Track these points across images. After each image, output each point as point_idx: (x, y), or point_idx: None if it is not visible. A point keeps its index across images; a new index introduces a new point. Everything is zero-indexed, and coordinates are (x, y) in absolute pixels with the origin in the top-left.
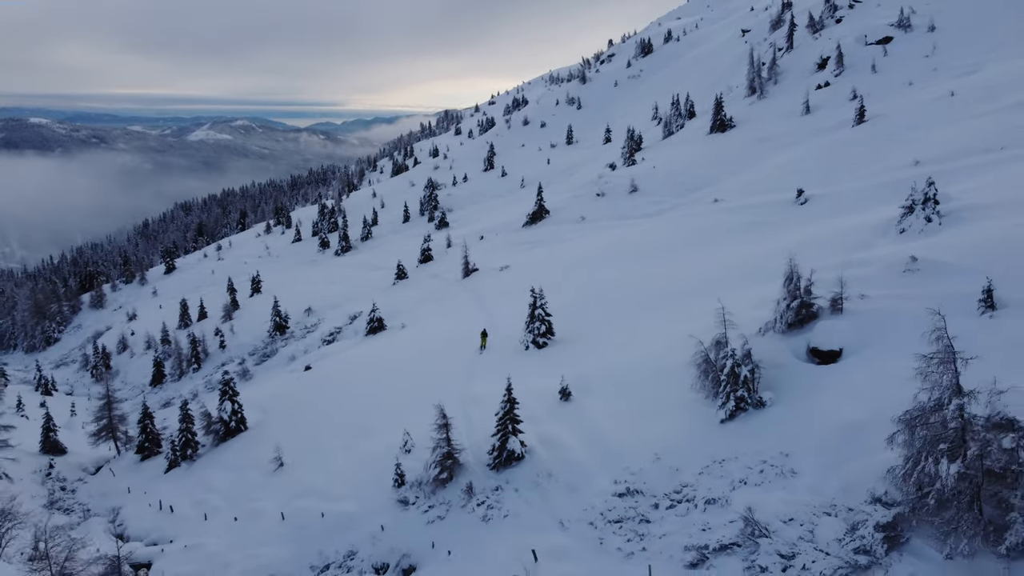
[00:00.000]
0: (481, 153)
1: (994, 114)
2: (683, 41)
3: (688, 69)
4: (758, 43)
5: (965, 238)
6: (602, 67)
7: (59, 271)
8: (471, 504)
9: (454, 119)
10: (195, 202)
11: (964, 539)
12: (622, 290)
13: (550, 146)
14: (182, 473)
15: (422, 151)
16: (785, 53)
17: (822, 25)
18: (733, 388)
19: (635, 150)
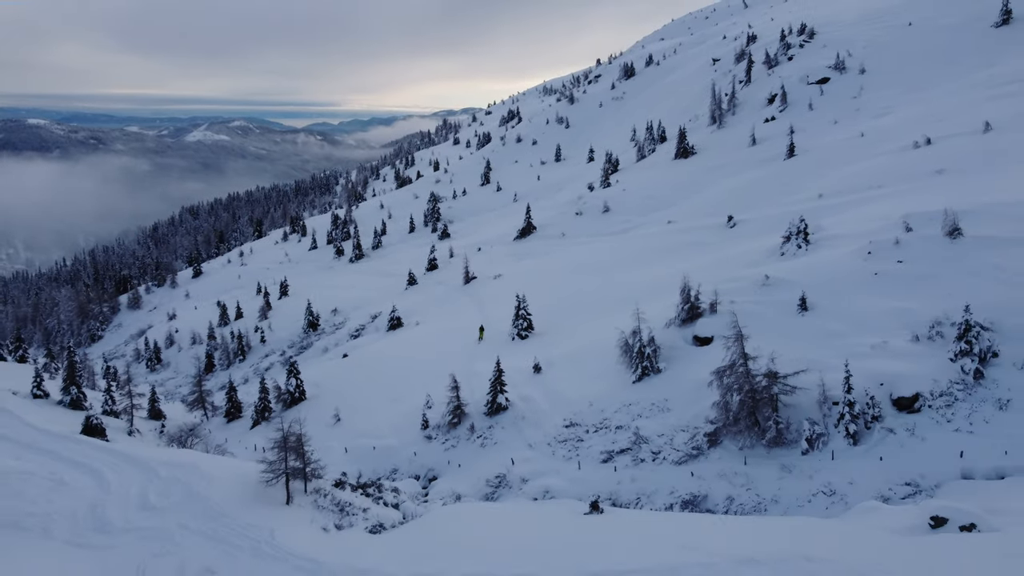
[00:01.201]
0: (478, 168)
1: (885, 156)
2: (662, 65)
3: (665, 93)
4: (724, 73)
5: (809, 261)
6: (589, 87)
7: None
8: (473, 437)
9: (452, 128)
10: (202, 206)
11: (746, 438)
12: (587, 296)
13: (540, 163)
14: (263, 428)
15: (422, 160)
16: (744, 86)
17: (776, 62)
18: (640, 361)
19: (612, 171)
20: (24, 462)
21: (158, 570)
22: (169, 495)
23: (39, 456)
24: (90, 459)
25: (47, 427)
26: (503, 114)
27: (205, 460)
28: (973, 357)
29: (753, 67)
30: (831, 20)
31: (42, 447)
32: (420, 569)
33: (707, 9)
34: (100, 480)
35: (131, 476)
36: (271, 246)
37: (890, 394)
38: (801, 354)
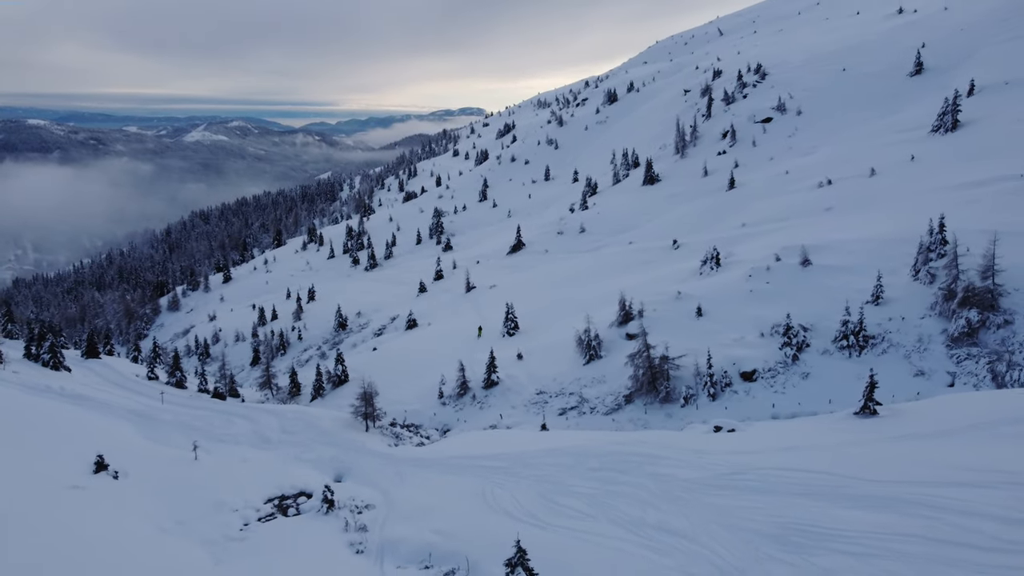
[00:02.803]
0: (476, 185)
1: (797, 193)
2: (642, 92)
3: (642, 119)
4: (691, 105)
5: (714, 281)
6: (577, 110)
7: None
8: (474, 403)
9: (452, 139)
10: (211, 211)
11: (648, 398)
12: (561, 303)
13: (532, 181)
14: (320, 401)
15: (424, 171)
16: (705, 120)
17: (733, 99)
18: (588, 351)
19: (591, 194)
20: (201, 412)
21: (305, 460)
22: (297, 426)
23: (203, 411)
24: (238, 410)
25: (193, 396)
26: (499, 127)
27: (312, 409)
28: (792, 347)
29: (713, 104)
30: (782, 61)
31: (200, 405)
32: (446, 454)
33: (687, 34)
34: (252, 420)
35: (269, 418)
36: (292, 255)
37: (739, 370)
38: (689, 344)
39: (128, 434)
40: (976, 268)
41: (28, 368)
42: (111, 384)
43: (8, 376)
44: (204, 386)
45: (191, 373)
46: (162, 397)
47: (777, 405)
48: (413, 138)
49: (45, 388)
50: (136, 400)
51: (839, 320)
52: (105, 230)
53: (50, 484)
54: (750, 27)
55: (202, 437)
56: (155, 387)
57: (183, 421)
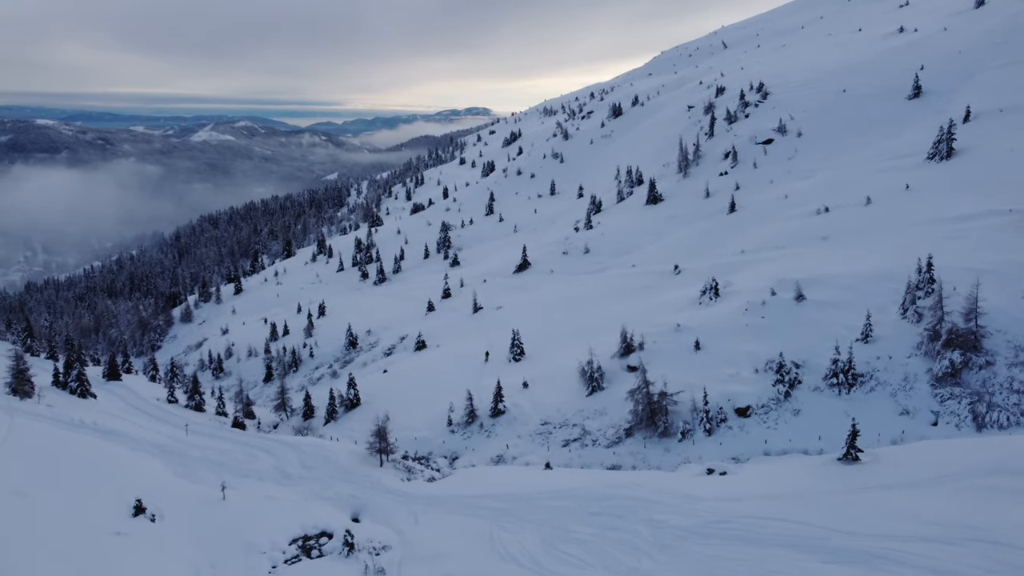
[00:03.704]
0: (483, 198)
1: (795, 219)
2: (646, 106)
3: (646, 134)
4: (695, 122)
5: (712, 312)
6: (582, 123)
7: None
8: (482, 432)
9: (459, 146)
10: (220, 215)
11: (647, 432)
12: (565, 327)
13: (537, 196)
14: (333, 425)
15: (431, 180)
16: (708, 138)
17: (735, 118)
18: (591, 382)
19: (595, 212)
20: (225, 445)
21: (324, 498)
22: (315, 460)
23: (226, 442)
24: (258, 442)
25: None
26: (506, 135)
27: (327, 442)
28: (784, 384)
29: (716, 123)
30: (784, 80)
31: (222, 436)
32: (456, 492)
33: (692, 46)
34: (272, 454)
35: (288, 452)
36: (302, 266)
37: (734, 406)
38: (687, 379)
39: (160, 472)
40: (960, 310)
41: (57, 397)
42: (135, 411)
43: (44, 411)
44: (222, 409)
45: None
46: (187, 429)
47: (769, 441)
48: (420, 139)
49: (79, 424)
50: (162, 431)
51: (830, 358)
52: (114, 232)
53: (96, 530)
54: (753, 40)
55: (227, 473)
56: (176, 412)
57: (209, 456)
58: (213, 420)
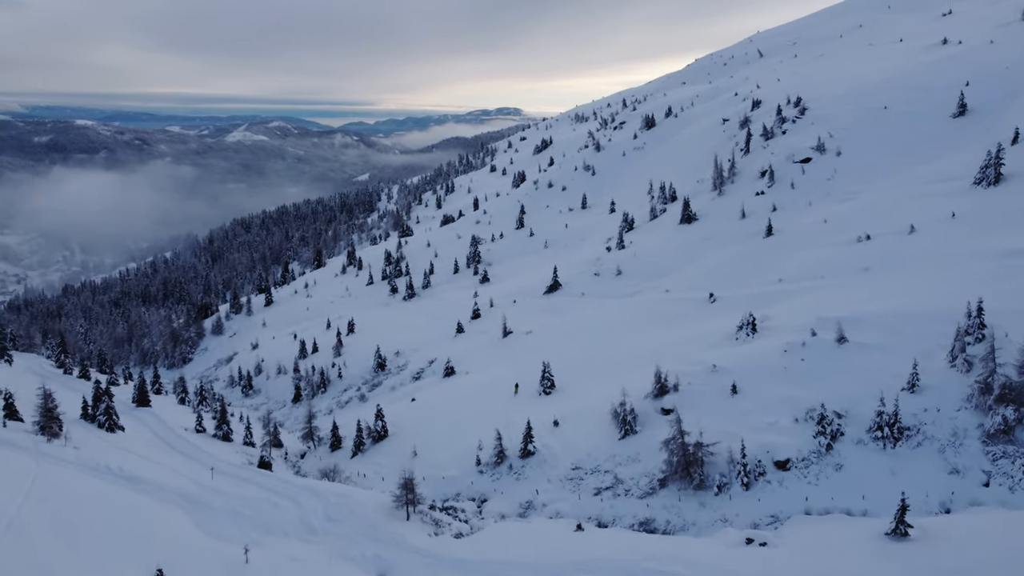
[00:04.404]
0: (514, 211)
1: (835, 247)
2: (680, 118)
3: (680, 148)
4: (730, 137)
5: (749, 350)
6: (614, 134)
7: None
8: (511, 473)
9: (489, 152)
10: (253, 219)
11: (681, 484)
12: (596, 357)
13: (568, 209)
14: (360, 458)
15: (461, 187)
16: (744, 155)
17: (772, 134)
18: (623, 425)
19: (628, 229)
20: (249, 492)
21: (349, 558)
22: (340, 512)
23: (250, 487)
24: (283, 488)
25: (239, 462)
26: (537, 143)
27: (353, 491)
28: (826, 436)
29: (752, 139)
30: (822, 93)
31: (247, 479)
32: (483, 556)
33: (726, 53)
34: (297, 504)
35: (314, 502)
36: (331, 278)
37: (772, 458)
38: (723, 426)
39: (184, 527)
40: (1014, 362)
41: (85, 432)
42: (163, 444)
43: (70, 455)
44: (249, 439)
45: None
46: (212, 473)
47: (811, 499)
48: (450, 140)
49: (105, 469)
50: (188, 472)
51: (873, 408)
52: (150, 232)
53: None
54: (790, 49)
55: (252, 527)
56: (203, 445)
57: (233, 507)
58: (240, 452)
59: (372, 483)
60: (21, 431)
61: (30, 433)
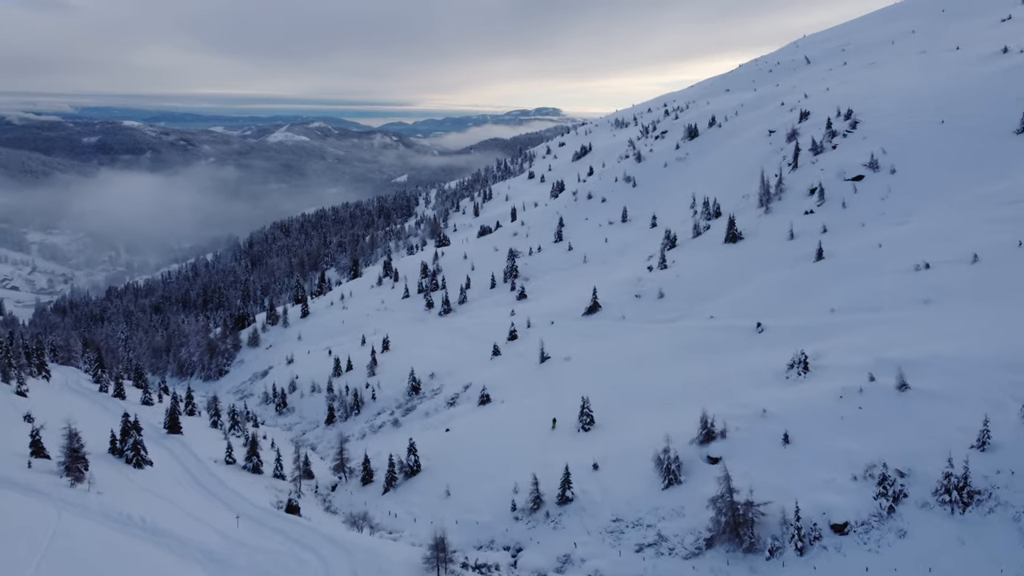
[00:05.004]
0: (551, 223)
1: (891, 275)
2: (724, 127)
3: (724, 160)
4: (776, 150)
5: (801, 393)
6: (655, 144)
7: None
8: (548, 521)
9: (527, 158)
10: (292, 223)
11: (730, 545)
12: (637, 390)
13: (608, 223)
14: (392, 495)
15: (499, 195)
16: (791, 170)
17: (821, 148)
18: (667, 474)
19: (670, 247)
20: (274, 545)
21: None
22: (368, 572)
23: (276, 538)
24: (309, 539)
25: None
26: (576, 149)
27: (382, 545)
28: (888, 497)
29: (800, 153)
30: (874, 105)
31: (274, 527)
32: None
33: (772, 60)
34: (323, 560)
35: (339, 555)
36: (367, 289)
37: (829, 520)
38: (775, 481)
39: None
40: None
41: (111, 470)
42: (190, 479)
43: (93, 502)
44: (279, 471)
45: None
46: (238, 521)
47: (871, 569)
48: (488, 142)
49: (127, 520)
50: (213, 521)
51: (939, 468)
52: (193, 232)
53: None
54: (839, 56)
55: None
56: (232, 481)
57: (256, 563)
58: (269, 488)
59: (403, 524)
60: (46, 472)
61: (55, 475)
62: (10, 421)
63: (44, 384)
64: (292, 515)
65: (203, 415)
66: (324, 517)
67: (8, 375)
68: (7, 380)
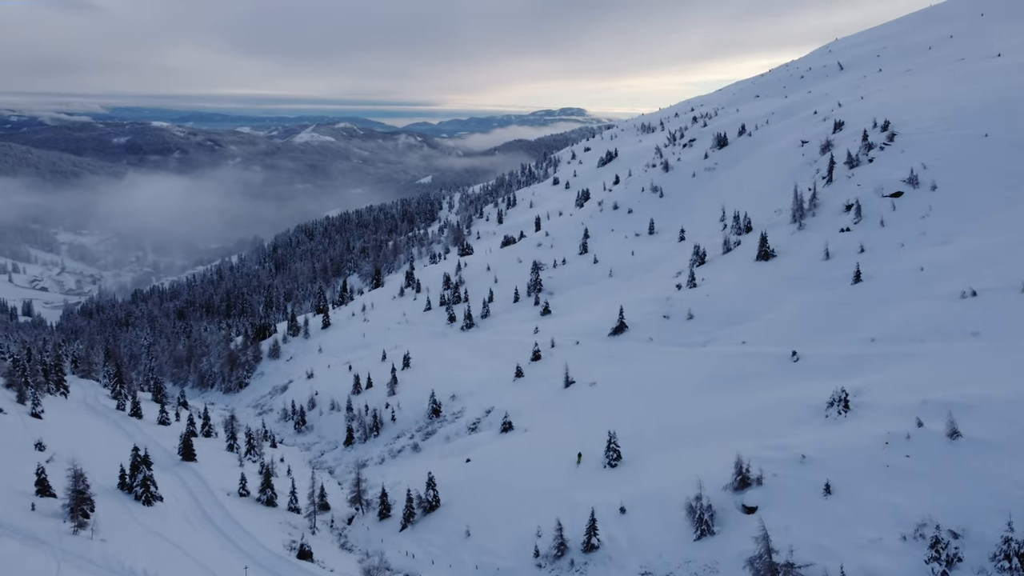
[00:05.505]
0: (577, 234)
1: (935, 301)
2: (754, 136)
3: (754, 170)
4: (810, 162)
5: (842, 435)
6: (683, 152)
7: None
8: (572, 570)
9: (552, 163)
10: (316, 226)
11: None
12: (666, 423)
13: (635, 235)
14: (410, 532)
15: (523, 201)
16: (826, 184)
17: (857, 162)
18: (699, 524)
19: (699, 263)
20: None
21: None
22: None
23: None
24: None
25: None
26: (601, 155)
27: None
28: (941, 561)
29: (835, 167)
30: (912, 117)
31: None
32: None
33: (803, 65)
34: None
35: None
36: (389, 300)
37: None
38: (816, 539)
39: None
40: None
41: (119, 508)
42: (200, 516)
43: (94, 551)
44: (294, 504)
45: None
46: (245, 572)
47: None
48: (512, 143)
49: (129, 574)
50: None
51: (998, 530)
52: (219, 233)
53: None
54: (873, 62)
55: None
56: (244, 513)
57: None
58: (283, 524)
59: (421, 566)
60: (50, 515)
61: (58, 518)
62: (21, 449)
63: (61, 402)
64: (304, 561)
65: (220, 435)
66: (339, 557)
67: (24, 395)
68: (22, 401)
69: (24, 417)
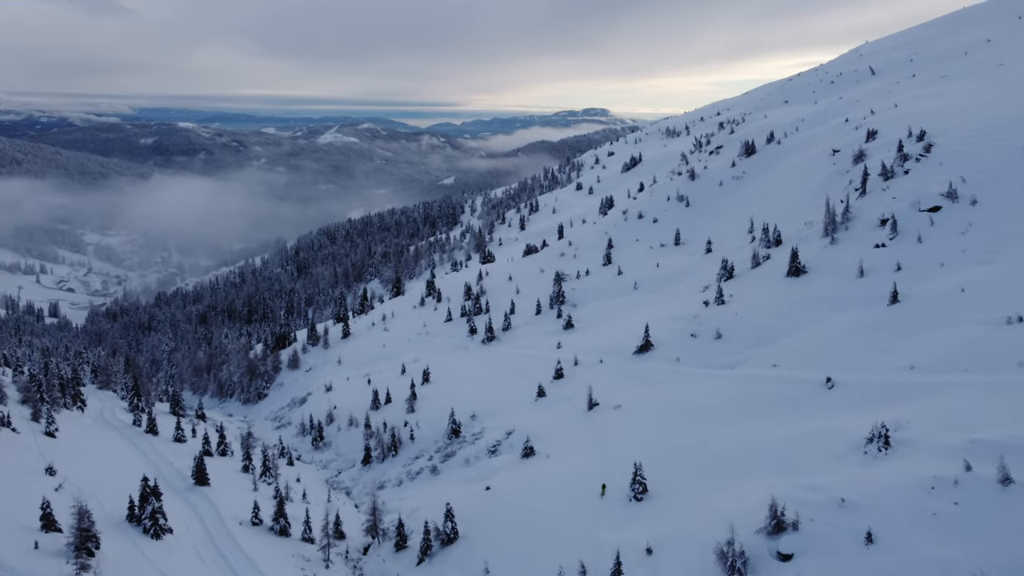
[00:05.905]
0: (600, 243)
1: (979, 325)
2: (783, 144)
3: (784, 180)
4: (841, 172)
5: (884, 476)
6: (710, 160)
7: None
8: None
9: (575, 167)
10: (338, 230)
11: None
12: (693, 453)
13: (660, 245)
14: (426, 566)
15: (546, 207)
16: (859, 196)
17: (892, 173)
18: (731, 571)
19: (727, 278)
20: None
21: None
22: None
23: None
24: None
25: None
26: (625, 160)
27: None
28: None
29: (868, 178)
30: (949, 127)
31: None
32: None
33: (833, 69)
34: None
35: None
36: (409, 310)
37: None
38: None
39: None
40: None
41: (126, 543)
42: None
43: None
44: (308, 534)
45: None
46: None
47: None
48: (535, 145)
49: None
50: None
51: None
52: (243, 234)
53: None
54: (907, 67)
55: None
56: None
57: None
58: (296, 556)
59: None
60: (53, 554)
61: (62, 558)
62: (31, 473)
63: (77, 417)
64: None
65: (235, 453)
66: None
67: (38, 413)
68: (37, 419)
69: (38, 436)
